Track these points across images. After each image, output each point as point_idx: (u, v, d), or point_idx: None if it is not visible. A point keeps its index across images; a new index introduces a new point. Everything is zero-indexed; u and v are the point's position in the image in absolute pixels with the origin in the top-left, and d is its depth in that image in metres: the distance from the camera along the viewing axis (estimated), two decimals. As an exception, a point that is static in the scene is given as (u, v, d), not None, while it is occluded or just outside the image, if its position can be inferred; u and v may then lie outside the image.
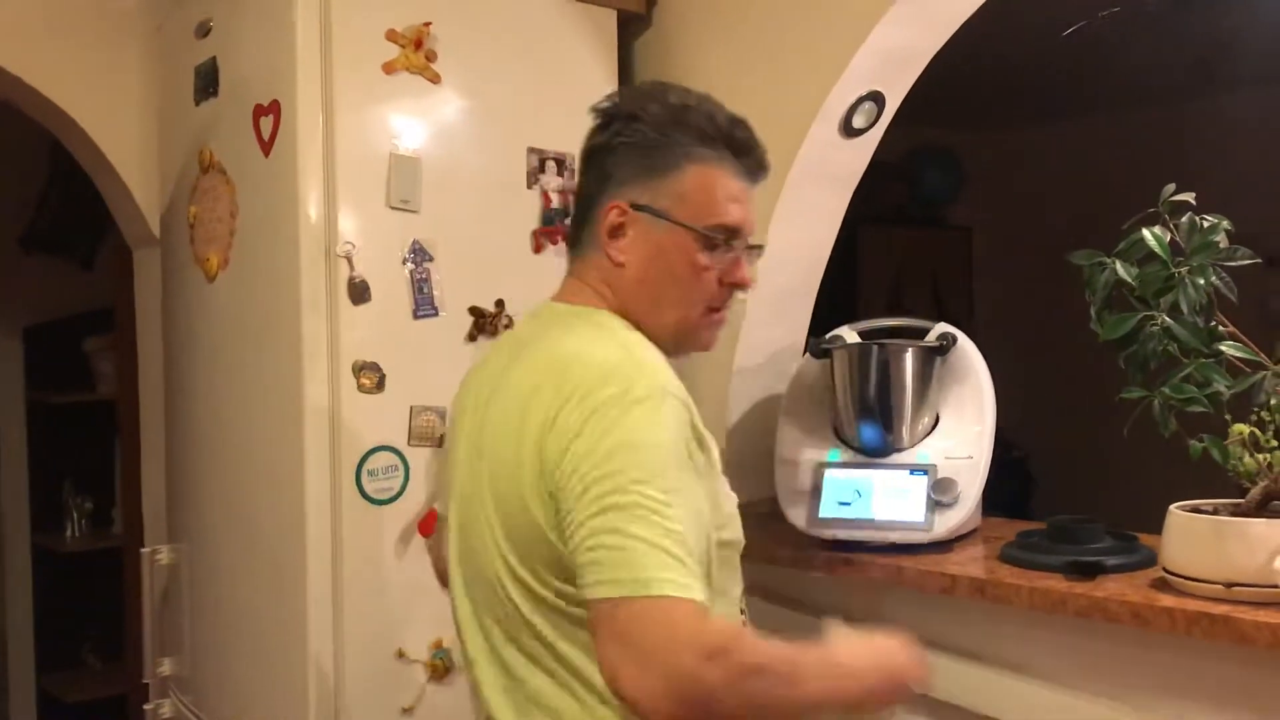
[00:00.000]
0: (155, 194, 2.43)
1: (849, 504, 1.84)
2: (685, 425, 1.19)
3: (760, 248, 1.39)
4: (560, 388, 1.17)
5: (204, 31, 2.08)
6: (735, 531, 1.30)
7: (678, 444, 1.16)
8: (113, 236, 2.85)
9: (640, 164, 1.30)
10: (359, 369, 1.85)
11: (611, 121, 1.33)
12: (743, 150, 1.33)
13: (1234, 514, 1.44)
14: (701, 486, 1.19)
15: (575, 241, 1.37)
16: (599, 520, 1.09)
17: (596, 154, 1.34)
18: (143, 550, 2.34)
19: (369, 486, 1.86)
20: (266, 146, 1.89)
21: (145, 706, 2.38)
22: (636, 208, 1.30)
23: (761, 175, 1.36)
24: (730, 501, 1.30)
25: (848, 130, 2.04)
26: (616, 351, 1.22)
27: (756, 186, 1.36)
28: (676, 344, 1.35)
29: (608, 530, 1.09)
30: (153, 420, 2.57)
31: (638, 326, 1.31)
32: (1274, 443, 1.44)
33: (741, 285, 1.35)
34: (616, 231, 1.31)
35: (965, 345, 1.92)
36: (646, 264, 1.31)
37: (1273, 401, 1.37)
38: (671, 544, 1.08)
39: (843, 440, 1.94)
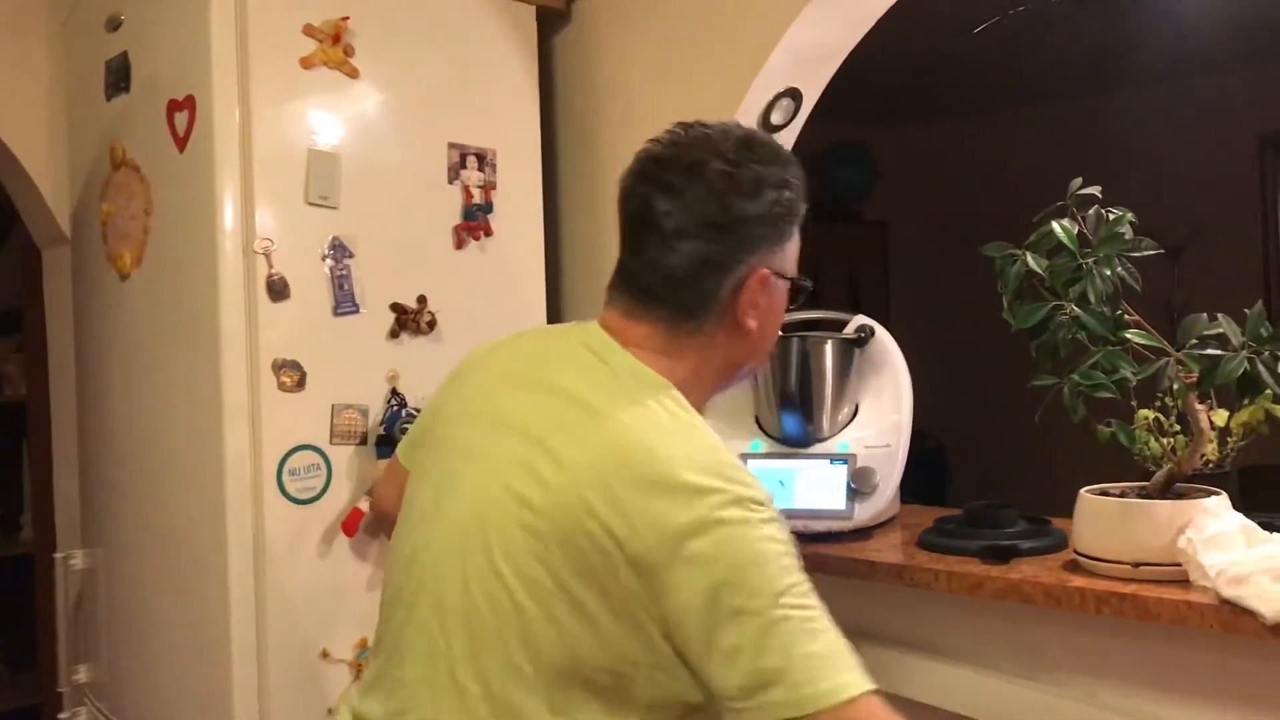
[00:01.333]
0: (65, 192, 2.37)
1: (771, 494, 1.87)
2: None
3: (810, 287, 1.41)
4: (656, 513, 1.14)
5: (114, 25, 2.04)
6: None
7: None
8: (17, 236, 2.78)
9: (782, 233, 1.30)
10: (279, 367, 1.83)
11: (753, 186, 1.27)
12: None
13: (1140, 496, 1.49)
14: None
15: (670, 300, 1.28)
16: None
17: (742, 223, 1.26)
18: (56, 555, 2.28)
19: (291, 486, 1.84)
20: (181, 142, 1.86)
21: (60, 716, 2.33)
22: (775, 274, 1.30)
23: None
24: None
25: (766, 126, 2.07)
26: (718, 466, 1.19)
27: None
28: (751, 375, 1.43)
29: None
30: (65, 423, 2.51)
31: (728, 380, 1.34)
32: (1177, 427, 1.50)
33: None
34: (756, 299, 1.29)
35: (883, 337, 1.96)
36: (769, 323, 1.33)
37: (1175, 387, 1.42)
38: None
39: (764, 431, 1.97)
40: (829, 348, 1.94)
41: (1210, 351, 1.37)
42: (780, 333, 1.98)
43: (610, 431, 1.21)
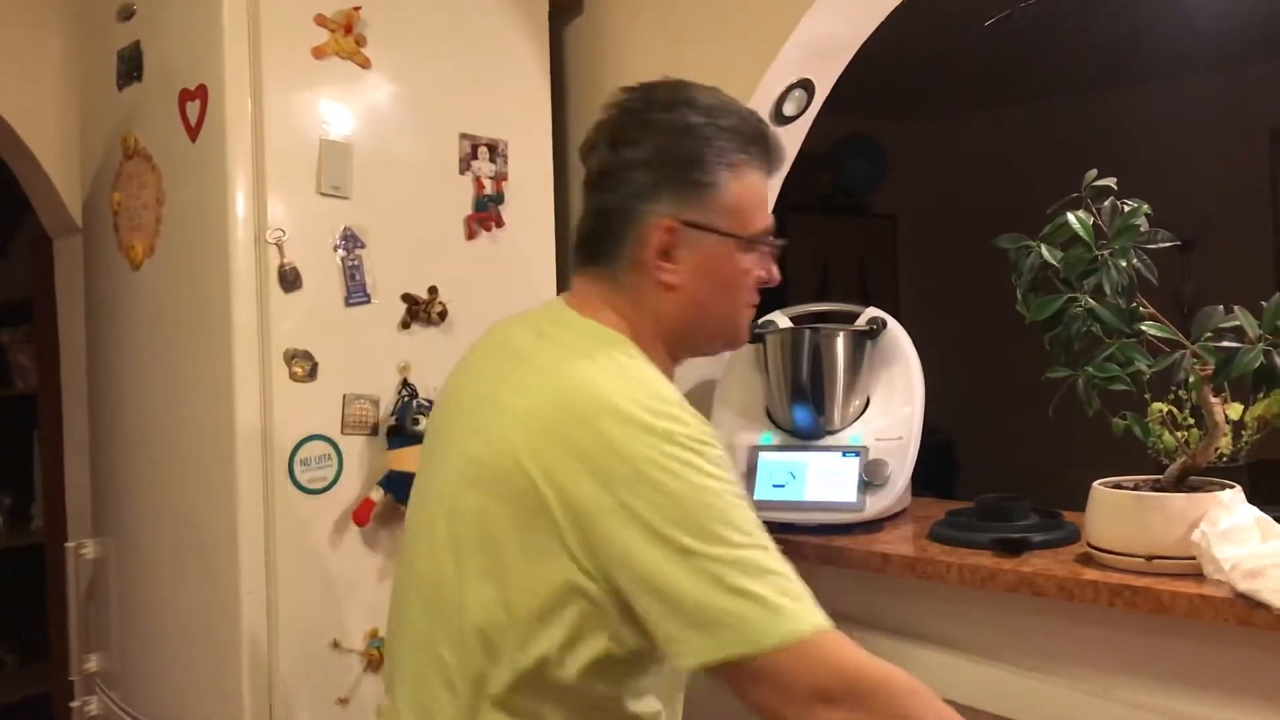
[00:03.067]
0: (76, 182, 2.37)
1: (783, 486, 1.87)
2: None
3: (785, 242, 1.36)
4: (586, 444, 1.12)
5: (126, 14, 2.04)
6: None
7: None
8: (28, 225, 2.78)
9: (683, 178, 1.25)
10: (290, 357, 1.83)
11: (642, 130, 1.26)
12: (771, 149, 1.31)
13: (1154, 489, 1.48)
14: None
15: (596, 254, 1.29)
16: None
17: (627, 169, 1.25)
18: (67, 545, 2.29)
19: (302, 476, 1.84)
20: (193, 132, 1.86)
21: (71, 704, 2.34)
22: (687, 225, 1.25)
23: (780, 168, 1.34)
24: None
25: (779, 118, 2.07)
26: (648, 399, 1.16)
27: None
28: (724, 347, 1.38)
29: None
30: (76, 413, 2.52)
31: (677, 342, 1.30)
32: (1191, 420, 1.49)
33: (772, 281, 1.34)
34: (666, 252, 1.25)
35: (894, 329, 1.96)
36: (700, 281, 1.27)
37: (1190, 380, 1.42)
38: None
39: (776, 424, 1.96)
40: (840, 340, 1.94)
41: (1226, 344, 1.37)
42: (793, 322, 1.99)
43: (553, 377, 1.19)
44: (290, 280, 1.83)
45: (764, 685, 1.07)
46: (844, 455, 1.86)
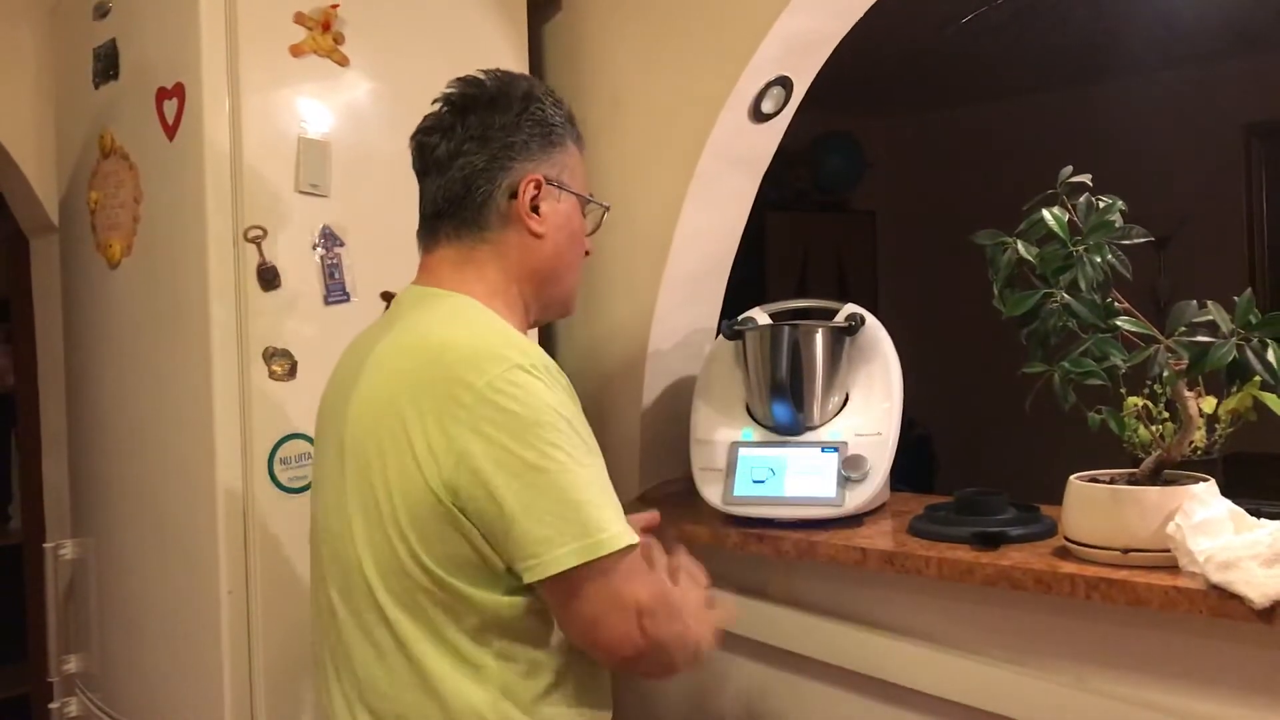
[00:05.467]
0: (53, 180, 2.36)
1: (762, 482, 1.88)
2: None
3: (608, 208, 1.53)
4: (436, 382, 1.26)
5: (102, 12, 2.03)
6: None
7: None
8: (4, 224, 2.76)
9: (543, 141, 1.42)
10: (270, 356, 1.83)
11: (506, 103, 1.41)
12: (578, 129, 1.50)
13: (1129, 483, 1.50)
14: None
15: (461, 219, 1.40)
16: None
17: (494, 132, 1.39)
18: (45, 545, 2.28)
19: (282, 475, 1.84)
20: (171, 130, 1.85)
21: (50, 705, 2.33)
22: (548, 181, 1.41)
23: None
24: None
25: (757, 115, 2.07)
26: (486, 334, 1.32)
27: None
28: (564, 307, 1.51)
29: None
30: (53, 412, 2.50)
31: (536, 297, 1.44)
32: (1165, 414, 1.50)
33: (590, 249, 1.52)
34: (535, 202, 1.40)
35: (873, 325, 1.97)
36: (558, 233, 1.43)
37: (1165, 375, 1.43)
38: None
39: (755, 419, 1.97)
40: (819, 336, 1.94)
41: (1200, 338, 1.38)
42: (772, 319, 2.00)
43: (395, 343, 1.34)
44: (269, 279, 1.83)
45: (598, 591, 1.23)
46: (823, 451, 1.87)
